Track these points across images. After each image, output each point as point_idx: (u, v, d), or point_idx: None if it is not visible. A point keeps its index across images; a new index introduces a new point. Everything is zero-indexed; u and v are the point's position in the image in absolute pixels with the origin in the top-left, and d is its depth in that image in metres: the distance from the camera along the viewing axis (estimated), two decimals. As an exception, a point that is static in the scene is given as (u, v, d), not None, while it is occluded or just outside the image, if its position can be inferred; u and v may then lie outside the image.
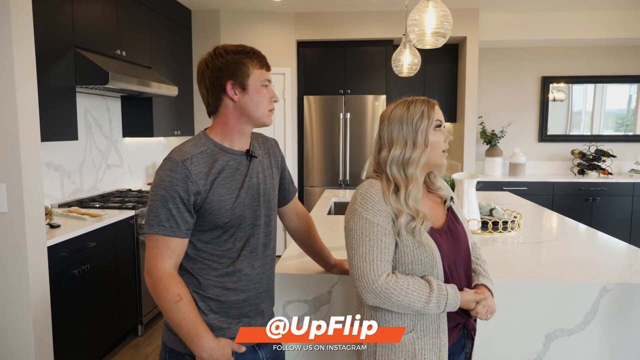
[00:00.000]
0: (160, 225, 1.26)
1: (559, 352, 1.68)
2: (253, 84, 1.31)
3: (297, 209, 1.66)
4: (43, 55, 2.67)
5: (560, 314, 1.68)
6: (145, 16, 3.88)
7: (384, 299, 1.25)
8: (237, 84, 1.31)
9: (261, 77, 1.32)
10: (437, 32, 2.20)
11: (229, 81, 1.30)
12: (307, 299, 1.77)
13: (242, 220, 1.35)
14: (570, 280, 1.68)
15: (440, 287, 1.27)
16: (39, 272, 2.08)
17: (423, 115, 1.34)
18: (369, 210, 1.28)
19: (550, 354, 1.69)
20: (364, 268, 1.25)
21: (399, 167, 1.32)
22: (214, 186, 1.29)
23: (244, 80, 1.30)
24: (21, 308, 2.05)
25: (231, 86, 1.31)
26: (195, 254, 1.33)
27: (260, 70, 1.33)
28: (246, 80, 1.31)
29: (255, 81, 1.32)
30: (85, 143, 3.54)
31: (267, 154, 1.49)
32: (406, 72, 3.46)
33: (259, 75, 1.32)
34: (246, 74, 1.30)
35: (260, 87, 1.32)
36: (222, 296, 1.33)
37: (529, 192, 5.06)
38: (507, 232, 2.39)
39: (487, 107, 5.55)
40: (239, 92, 1.31)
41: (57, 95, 2.81)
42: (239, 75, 1.30)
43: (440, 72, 5.25)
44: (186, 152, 1.30)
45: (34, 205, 2.05)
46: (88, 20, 3.10)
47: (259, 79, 1.32)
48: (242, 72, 1.30)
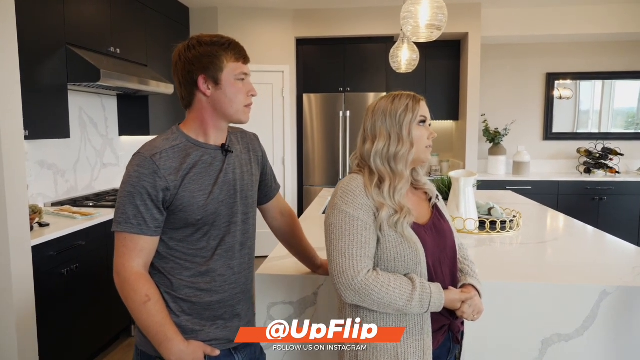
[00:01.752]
0: (128, 222, 1.20)
1: (556, 359, 1.60)
2: (227, 79, 1.25)
3: (280, 206, 1.59)
4: (33, 52, 2.63)
5: (557, 318, 1.59)
6: (140, 14, 3.83)
7: (364, 296, 1.19)
8: (210, 78, 1.24)
9: (236, 71, 1.25)
10: (431, 24, 2.12)
11: (201, 75, 1.24)
12: (292, 300, 1.70)
13: (217, 217, 1.28)
14: (568, 283, 1.60)
15: (423, 285, 1.21)
16: (22, 271, 2.03)
17: (407, 109, 1.29)
18: (349, 204, 1.23)
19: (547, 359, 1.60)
20: (343, 264, 1.19)
21: (384, 160, 1.28)
22: (184, 182, 1.23)
23: (217, 74, 1.24)
24: (3, 308, 2.00)
25: (203, 80, 1.24)
26: (168, 253, 1.27)
27: (236, 63, 1.26)
28: (219, 74, 1.24)
29: (229, 75, 1.25)
30: (80, 141, 3.50)
31: (247, 149, 1.43)
32: (404, 68, 3.38)
33: (233, 68, 1.25)
34: (219, 68, 1.24)
35: (235, 82, 1.25)
36: (194, 297, 1.27)
37: (533, 191, 4.95)
38: (506, 232, 2.31)
39: (491, 105, 5.45)
40: (212, 86, 1.25)
41: (48, 93, 2.77)
42: (212, 68, 1.23)
43: (442, 68, 5.15)
44: (156, 146, 1.24)
45: (17, 203, 2.00)
46: (80, 17, 3.06)
47: (233, 73, 1.25)
48: (215, 66, 1.23)
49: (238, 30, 4.83)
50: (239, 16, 4.82)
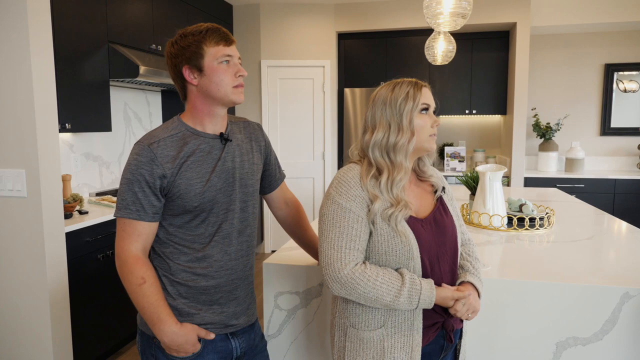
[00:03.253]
0: (127, 208, 1.25)
1: (572, 363, 1.50)
2: (209, 64, 1.27)
3: (285, 196, 1.60)
4: (78, 50, 2.80)
5: (575, 320, 1.49)
6: (182, 12, 3.97)
7: (350, 289, 1.17)
8: (193, 67, 1.27)
9: (217, 54, 1.27)
10: (455, 12, 2.05)
11: (185, 66, 1.28)
12: (299, 290, 1.71)
13: (214, 204, 1.31)
14: (588, 284, 1.49)
15: (413, 280, 1.17)
16: (56, 254, 2.18)
17: (408, 97, 1.24)
18: (342, 195, 1.21)
19: (561, 364, 1.51)
20: (331, 255, 1.18)
21: (382, 152, 1.24)
22: (181, 170, 1.27)
23: (199, 62, 1.27)
24: (38, 289, 2.16)
25: (188, 71, 1.28)
26: (167, 238, 1.32)
27: (216, 47, 1.27)
28: (201, 61, 1.27)
29: (211, 61, 1.27)
30: (125, 135, 3.69)
31: (249, 138, 1.45)
32: (440, 60, 3.28)
33: (214, 53, 1.27)
34: (200, 55, 1.26)
35: (217, 66, 1.27)
36: (190, 281, 1.31)
37: (586, 189, 4.66)
38: (535, 229, 2.19)
39: (542, 99, 5.17)
40: (197, 75, 1.28)
41: (91, 89, 2.94)
42: (193, 58, 1.27)
43: (489, 61, 4.95)
44: (154, 135, 1.28)
45: (52, 191, 2.14)
46: (122, 16, 3.22)
47: (214, 58, 1.27)
48: (195, 54, 1.26)
49: (279, 26, 4.89)
50: (280, 12, 4.88)
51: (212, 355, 1.33)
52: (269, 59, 4.95)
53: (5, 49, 2.05)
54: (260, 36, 4.91)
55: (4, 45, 2.05)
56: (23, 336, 2.21)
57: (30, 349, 2.21)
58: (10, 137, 2.08)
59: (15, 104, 2.06)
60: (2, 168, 2.11)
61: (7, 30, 2.03)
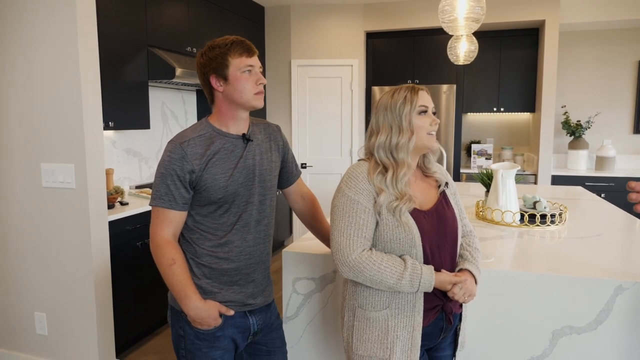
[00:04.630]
0: (160, 199, 1.44)
1: (567, 351, 1.60)
2: (232, 74, 1.44)
3: (301, 191, 1.76)
4: (119, 54, 3.05)
5: (570, 310, 1.59)
6: (217, 15, 4.19)
7: (357, 272, 1.31)
8: (219, 76, 1.45)
9: (240, 65, 1.44)
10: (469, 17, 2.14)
11: (212, 75, 1.45)
12: (315, 277, 1.87)
13: (236, 197, 1.48)
14: (582, 276, 1.58)
15: (415, 265, 1.31)
16: (100, 240, 2.42)
17: (406, 101, 1.38)
18: (351, 188, 1.35)
19: (557, 351, 1.61)
20: (341, 242, 1.33)
21: (387, 152, 1.38)
22: (208, 166, 1.44)
23: (224, 71, 1.44)
24: (84, 271, 2.40)
25: (215, 80, 1.45)
26: (194, 226, 1.50)
27: (240, 58, 1.44)
28: (226, 71, 1.44)
29: (235, 70, 1.43)
30: (162, 132, 3.94)
31: (268, 139, 1.61)
32: (462, 60, 3.36)
33: (237, 63, 1.43)
34: (225, 66, 1.43)
35: (240, 75, 1.44)
36: (214, 264, 1.48)
37: (616, 188, 4.61)
38: (547, 226, 2.27)
39: (572, 96, 5.12)
40: (222, 83, 1.45)
41: (131, 89, 3.19)
42: (219, 68, 1.44)
43: (518, 58, 4.95)
44: (185, 135, 1.46)
45: (97, 183, 2.38)
46: (160, 21, 3.45)
47: (237, 68, 1.44)
48: (221, 65, 1.43)
49: (309, 26, 5.05)
50: (310, 13, 5.03)
51: (232, 330, 1.50)
52: (298, 59, 5.12)
53: (56, 56, 2.29)
54: (290, 36, 5.09)
55: (54, 52, 2.29)
56: (71, 314, 2.47)
57: (76, 326, 2.46)
58: (61, 135, 2.33)
59: (65, 106, 2.30)
60: (55, 162, 2.36)
61: (57, 37, 2.27)
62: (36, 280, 2.52)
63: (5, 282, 2.60)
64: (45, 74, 2.32)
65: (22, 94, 2.39)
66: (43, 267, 2.49)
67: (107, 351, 2.52)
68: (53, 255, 2.45)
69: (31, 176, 2.43)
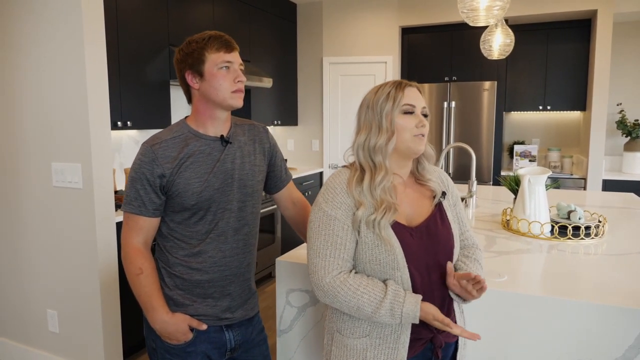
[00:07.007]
0: (130, 204, 1.35)
1: (588, 389, 1.37)
2: (208, 70, 1.33)
3: (292, 196, 1.63)
4: (141, 53, 3.04)
5: (594, 343, 1.36)
6: (244, 14, 4.13)
7: (332, 297, 1.16)
8: (195, 72, 1.34)
9: (217, 61, 1.33)
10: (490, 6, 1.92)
11: (187, 71, 1.35)
12: (309, 289, 1.73)
13: (212, 203, 1.37)
14: (611, 304, 1.34)
15: (397, 293, 1.13)
16: (106, 240, 2.40)
17: (388, 98, 1.21)
18: (328, 202, 1.20)
19: (576, 389, 1.38)
20: (316, 263, 1.18)
21: (365, 153, 1.22)
22: (181, 170, 1.34)
23: (200, 67, 1.33)
24: (90, 271, 2.39)
25: (191, 76, 1.35)
26: (168, 233, 1.40)
27: (217, 53, 1.33)
28: (201, 67, 1.33)
29: (211, 66, 1.33)
30: (187, 131, 3.92)
31: (252, 141, 1.49)
32: (497, 55, 3.10)
33: (214, 59, 1.33)
34: (201, 61, 1.33)
35: (216, 72, 1.33)
36: (186, 274, 1.38)
37: (679, 195, 4.13)
38: (580, 239, 2.01)
39: (629, 93, 4.67)
40: (198, 80, 1.35)
41: (153, 89, 3.17)
42: (195, 64, 1.33)
43: (567, 53, 4.56)
44: (158, 137, 1.37)
45: (103, 183, 2.35)
46: (183, 20, 3.42)
47: (214, 64, 1.33)
48: (197, 61, 1.33)
49: (342, 23, 4.90)
50: (342, 9, 4.88)
51: (205, 345, 1.40)
52: (330, 56, 4.98)
53: (63, 55, 2.28)
54: (322, 33, 4.96)
55: (62, 52, 2.28)
56: (79, 313, 2.47)
57: (85, 325, 2.46)
58: (68, 135, 2.32)
59: (72, 105, 2.29)
60: (62, 162, 2.36)
61: (65, 37, 2.26)
62: (48, 279, 2.54)
63: (20, 278, 2.65)
64: (54, 74, 2.33)
65: (34, 93, 2.41)
66: (54, 266, 2.50)
67: (115, 351, 2.49)
68: (63, 254, 2.46)
69: (43, 175, 2.45)
